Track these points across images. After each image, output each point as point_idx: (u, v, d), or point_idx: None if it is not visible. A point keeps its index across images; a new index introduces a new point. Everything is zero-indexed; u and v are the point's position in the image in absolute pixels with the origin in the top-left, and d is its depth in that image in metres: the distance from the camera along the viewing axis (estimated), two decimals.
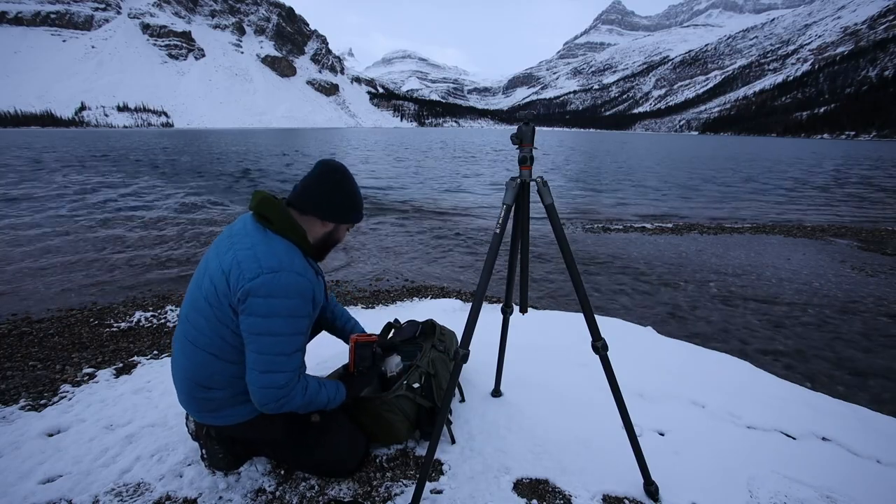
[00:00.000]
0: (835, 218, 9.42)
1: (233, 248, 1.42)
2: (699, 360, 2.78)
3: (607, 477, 1.72)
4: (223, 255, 1.42)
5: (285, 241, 1.45)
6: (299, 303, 1.41)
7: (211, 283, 1.41)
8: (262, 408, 1.44)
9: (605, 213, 9.70)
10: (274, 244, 1.42)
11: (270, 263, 1.37)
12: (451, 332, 2.34)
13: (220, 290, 1.39)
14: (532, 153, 1.49)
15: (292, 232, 1.47)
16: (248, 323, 1.38)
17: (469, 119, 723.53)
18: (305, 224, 1.53)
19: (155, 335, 3.37)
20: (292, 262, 1.41)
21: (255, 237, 1.43)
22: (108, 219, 8.38)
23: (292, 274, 1.39)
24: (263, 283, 1.35)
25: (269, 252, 1.39)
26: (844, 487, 1.70)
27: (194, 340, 1.47)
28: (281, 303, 1.37)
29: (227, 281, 1.38)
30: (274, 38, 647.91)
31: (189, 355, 1.50)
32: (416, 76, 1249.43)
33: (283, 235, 1.46)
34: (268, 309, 1.36)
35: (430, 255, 6.31)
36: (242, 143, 44.65)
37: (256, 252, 1.39)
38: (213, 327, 1.43)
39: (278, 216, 1.46)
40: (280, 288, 1.36)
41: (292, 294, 1.39)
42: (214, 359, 1.47)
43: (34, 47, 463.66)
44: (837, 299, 4.55)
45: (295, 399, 1.45)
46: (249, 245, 1.41)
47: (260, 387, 1.40)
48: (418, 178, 16.24)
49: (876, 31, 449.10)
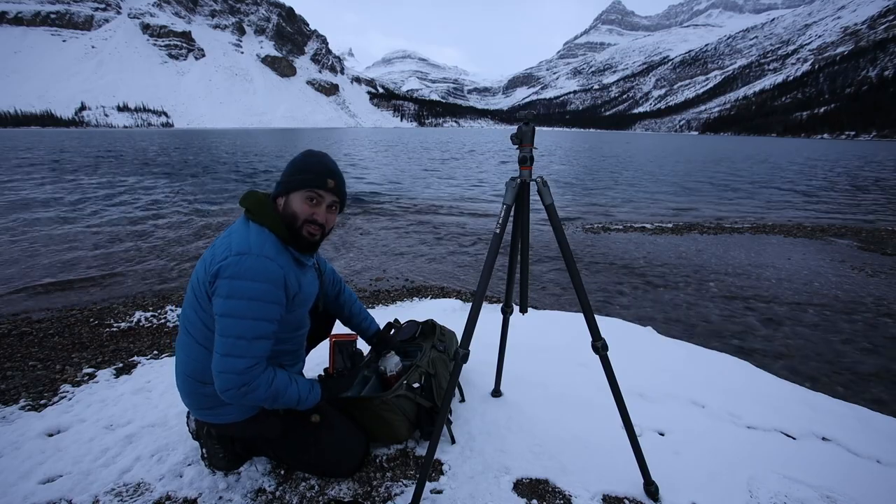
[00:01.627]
0: (835, 218, 9.42)
1: (215, 240, 1.50)
2: (699, 360, 2.78)
3: (607, 477, 1.72)
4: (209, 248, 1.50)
5: (261, 228, 1.47)
6: (266, 287, 1.39)
7: (195, 274, 1.49)
8: (223, 394, 1.41)
9: (605, 214, 9.70)
10: (249, 231, 1.46)
11: (239, 247, 1.40)
12: (451, 332, 2.34)
13: (201, 277, 1.44)
14: (532, 153, 1.49)
15: (266, 217, 1.49)
16: (216, 304, 1.39)
17: (469, 119, 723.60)
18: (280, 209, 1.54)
19: (155, 335, 3.37)
20: (262, 247, 1.42)
21: (236, 227, 1.50)
22: (108, 219, 8.38)
23: (260, 258, 1.39)
24: (230, 265, 1.37)
25: (242, 237, 1.43)
26: (844, 487, 1.70)
27: (191, 332, 1.51)
28: (244, 284, 1.37)
29: (205, 267, 1.43)
30: (274, 38, 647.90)
31: (185, 348, 1.54)
32: (416, 76, 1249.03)
33: (259, 223, 1.48)
34: (230, 290, 1.37)
35: (430, 255, 6.31)
36: (251, 144, 44.62)
37: (231, 238, 1.44)
38: (200, 316, 1.47)
39: (254, 203, 1.51)
40: (245, 270, 1.37)
41: (258, 277, 1.38)
42: (204, 350, 1.49)
43: (34, 47, 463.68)
44: (837, 299, 4.55)
45: (258, 390, 1.41)
46: (227, 234, 1.48)
47: (220, 371, 1.38)
48: (418, 178, 16.24)
49: (876, 31, 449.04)
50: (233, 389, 1.39)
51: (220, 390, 1.41)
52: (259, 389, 1.41)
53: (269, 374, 1.45)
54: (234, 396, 1.41)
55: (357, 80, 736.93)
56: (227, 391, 1.40)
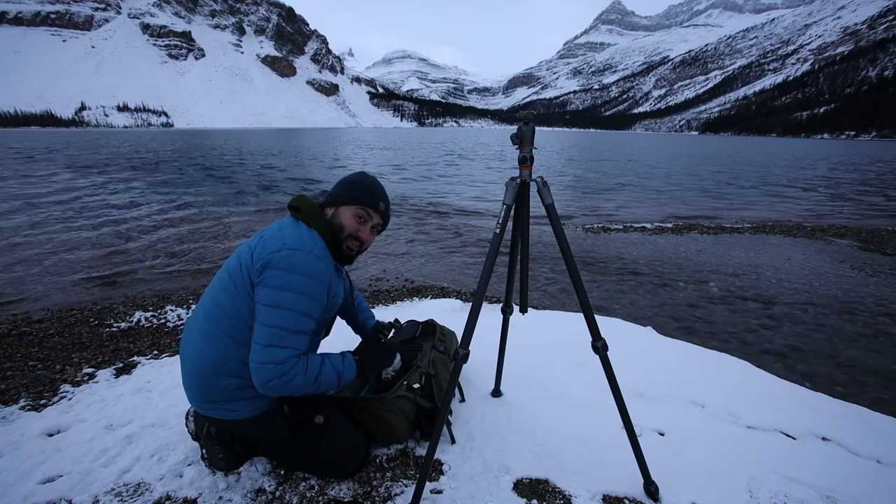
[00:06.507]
0: (835, 218, 9.42)
1: (262, 232, 1.55)
2: (699, 360, 2.78)
3: (607, 477, 1.72)
4: (252, 240, 1.54)
5: (311, 230, 1.54)
6: (314, 284, 1.45)
7: (237, 260, 1.52)
8: (264, 386, 1.40)
9: (605, 214, 9.70)
10: (300, 228, 1.52)
11: (293, 242, 1.45)
12: (452, 332, 2.34)
13: (244, 262, 1.48)
14: (532, 153, 1.49)
15: (317, 220, 1.56)
16: (262, 294, 1.42)
17: (469, 119, 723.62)
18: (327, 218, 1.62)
19: (155, 335, 3.36)
20: (314, 246, 1.49)
21: (285, 223, 1.56)
22: (109, 219, 8.38)
23: (311, 255, 1.45)
24: (283, 258, 1.41)
25: (294, 233, 1.49)
26: (844, 487, 1.70)
27: (217, 322, 1.50)
28: (296, 278, 1.42)
29: (252, 254, 1.47)
30: (274, 38, 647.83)
31: (210, 338, 1.51)
32: (416, 76, 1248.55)
33: (308, 224, 1.55)
34: (282, 282, 1.41)
35: (430, 255, 6.31)
36: (251, 144, 44.62)
37: (283, 232, 1.49)
38: (235, 304, 1.48)
39: (306, 204, 1.58)
40: (298, 264, 1.42)
41: (308, 273, 1.44)
42: (232, 342, 1.49)
43: (34, 47, 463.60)
44: (838, 299, 4.55)
45: (297, 377, 1.43)
46: (278, 227, 1.53)
47: (260, 362, 1.39)
48: (418, 179, 16.24)
49: (876, 31, 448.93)
50: (274, 380, 1.40)
51: (260, 382, 1.41)
52: (298, 377, 1.44)
53: (303, 361, 1.47)
54: (275, 387, 1.41)
55: (357, 80, 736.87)
56: (267, 382, 1.40)
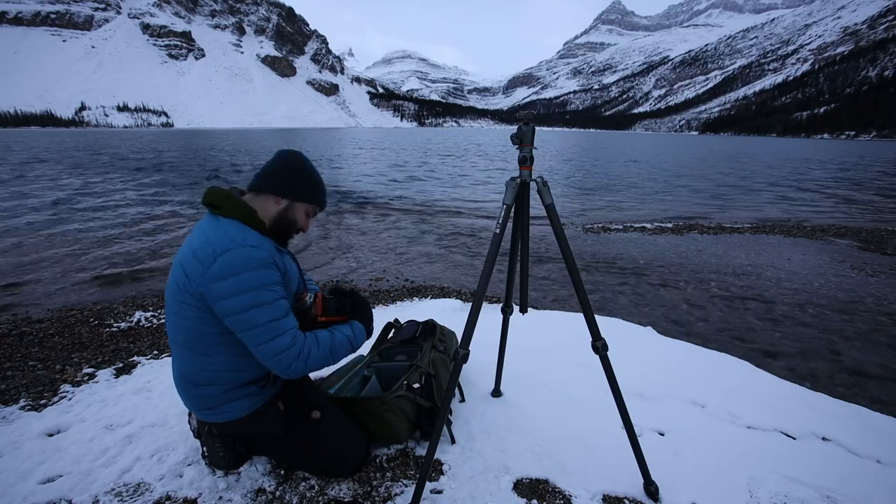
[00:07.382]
0: (835, 218, 9.42)
1: (188, 242, 1.46)
2: (699, 360, 2.78)
3: (607, 477, 1.72)
4: (182, 253, 1.46)
5: (235, 222, 1.46)
6: (263, 272, 1.42)
7: (174, 281, 1.46)
8: (287, 372, 1.45)
9: (604, 214, 9.70)
10: (224, 226, 1.44)
11: (223, 244, 1.39)
12: (452, 332, 2.34)
13: (181, 283, 1.42)
14: (532, 153, 1.49)
15: (238, 211, 1.48)
16: (225, 307, 1.38)
17: (469, 119, 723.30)
18: (259, 203, 1.55)
19: (155, 335, 3.37)
20: (245, 238, 1.42)
21: (206, 225, 1.47)
22: (108, 219, 8.38)
23: (245, 248, 1.40)
24: (222, 265, 1.36)
25: (220, 234, 1.41)
26: (844, 487, 1.70)
27: (175, 340, 1.53)
28: (247, 276, 1.38)
29: (185, 272, 1.40)
30: (274, 38, 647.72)
31: (176, 355, 1.57)
32: (416, 76, 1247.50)
33: (231, 217, 1.47)
34: (235, 287, 1.37)
35: (430, 255, 6.31)
36: (251, 144, 44.63)
37: (209, 237, 1.41)
38: (184, 321, 1.46)
39: (223, 199, 1.49)
40: (239, 263, 1.37)
41: (253, 265, 1.40)
42: (192, 354, 1.50)
43: (34, 47, 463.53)
44: (838, 299, 4.55)
45: (312, 350, 1.47)
46: (201, 233, 1.44)
47: (270, 356, 1.42)
48: (418, 179, 16.24)
49: (876, 31, 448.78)
50: (293, 362, 1.43)
51: (282, 371, 1.45)
52: (312, 349, 1.47)
53: (311, 336, 1.50)
54: (298, 368, 1.45)
55: (357, 80, 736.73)
56: (289, 368, 1.44)
